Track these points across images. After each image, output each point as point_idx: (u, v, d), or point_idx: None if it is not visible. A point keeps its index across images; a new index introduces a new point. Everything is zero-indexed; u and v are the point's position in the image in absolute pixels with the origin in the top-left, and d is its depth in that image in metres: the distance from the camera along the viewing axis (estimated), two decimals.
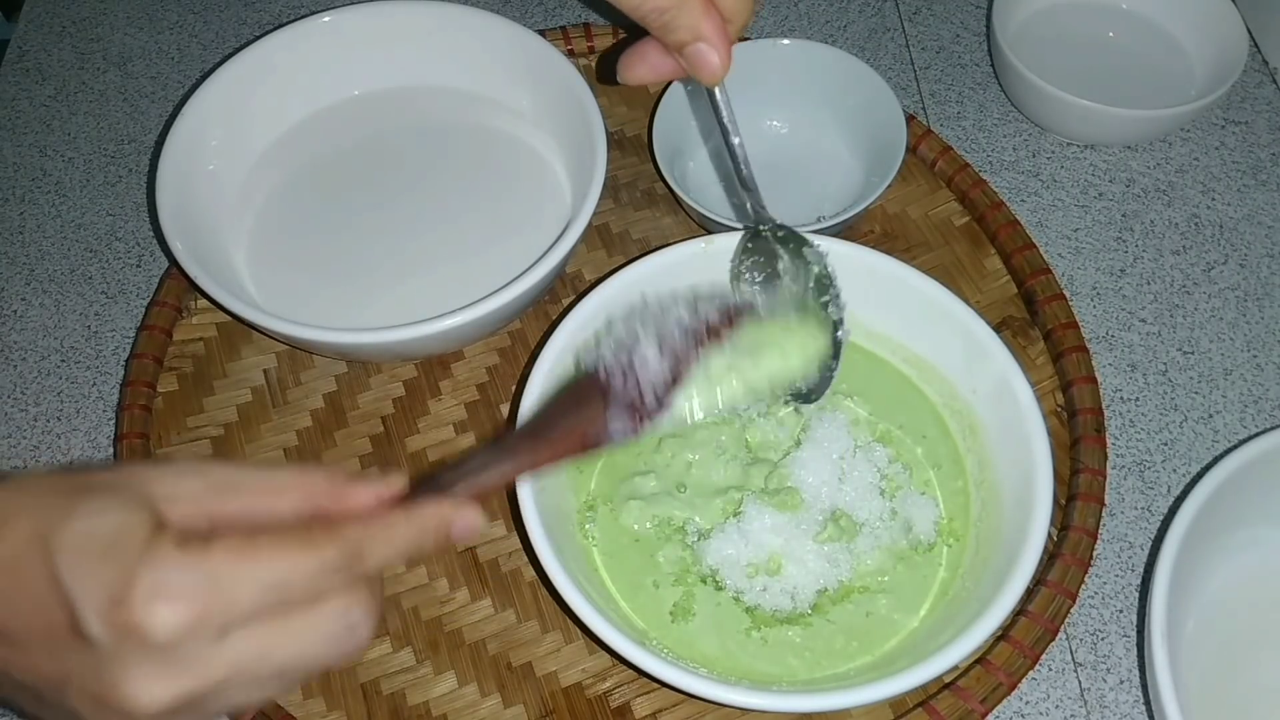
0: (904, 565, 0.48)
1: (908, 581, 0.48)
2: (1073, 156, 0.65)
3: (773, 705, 0.40)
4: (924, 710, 0.46)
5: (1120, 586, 0.52)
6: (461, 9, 0.61)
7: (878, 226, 0.61)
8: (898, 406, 0.52)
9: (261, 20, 0.73)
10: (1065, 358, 0.55)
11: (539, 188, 0.61)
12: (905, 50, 0.71)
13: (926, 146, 0.63)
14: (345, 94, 0.64)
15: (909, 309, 0.50)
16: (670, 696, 0.48)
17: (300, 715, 0.48)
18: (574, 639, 0.50)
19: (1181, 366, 0.58)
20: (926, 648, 0.43)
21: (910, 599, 0.47)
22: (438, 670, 0.49)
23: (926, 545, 0.48)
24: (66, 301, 0.62)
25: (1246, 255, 0.62)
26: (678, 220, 0.62)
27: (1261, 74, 0.69)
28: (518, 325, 0.59)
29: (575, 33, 0.68)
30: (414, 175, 0.61)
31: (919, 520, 0.48)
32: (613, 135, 0.63)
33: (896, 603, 0.47)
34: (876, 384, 0.52)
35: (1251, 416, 0.56)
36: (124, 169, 0.67)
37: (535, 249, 0.56)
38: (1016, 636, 0.48)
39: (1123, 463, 0.55)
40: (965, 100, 0.68)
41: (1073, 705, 0.49)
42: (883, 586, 0.48)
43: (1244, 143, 0.66)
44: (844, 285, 0.51)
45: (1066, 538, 0.50)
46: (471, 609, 0.51)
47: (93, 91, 0.70)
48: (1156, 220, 0.63)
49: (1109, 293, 0.60)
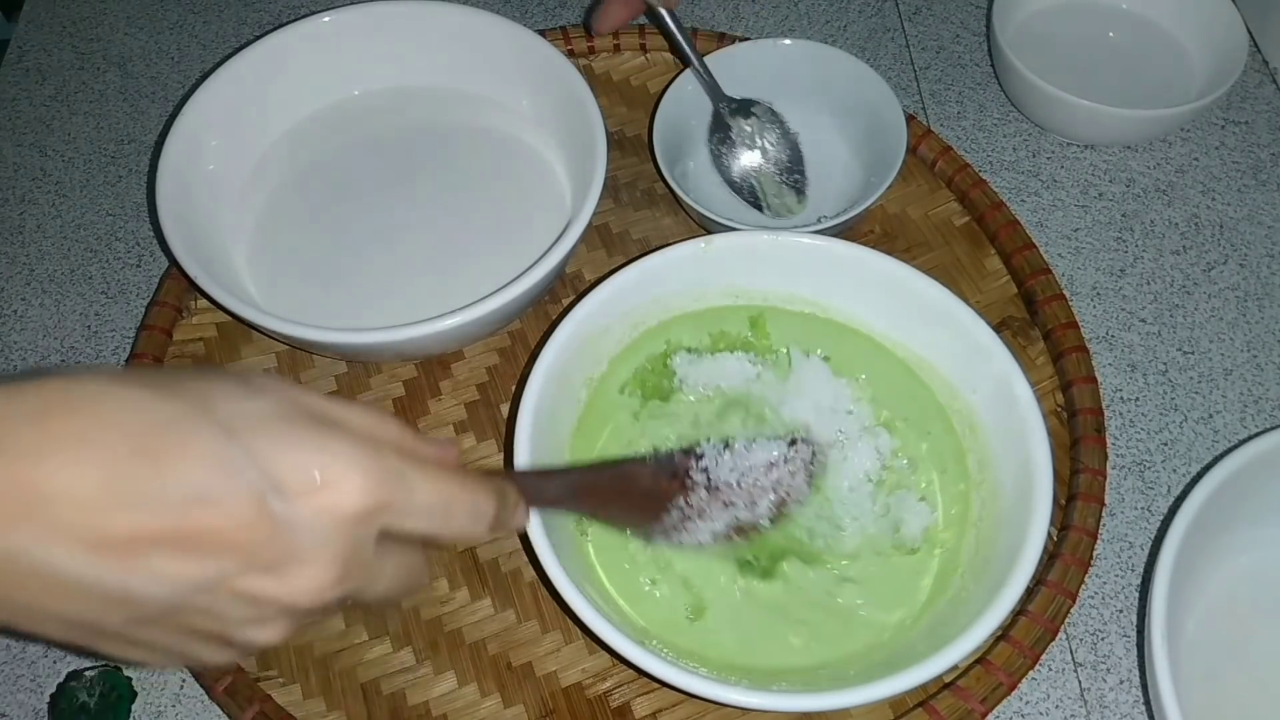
0: (881, 561, 0.48)
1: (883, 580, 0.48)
2: (1073, 156, 0.65)
3: (773, 705, 0.40)
4: (924, 710, 0.46)
5: (1120, 586, 0.52)
6: (461, 9, 0.61)
7: (878, 226, 0.61)
8: (905, 400, 0.52)
9: (261, 20, 0.73)
10: (1065, 358, 0.55)
11: (539, 188, 0.61)
12: (905, 50, 0.71)
13: (926, 146, 0.63)
14: (345, 94, 0.64)
15: (909, 309, 0.50)
16: (670, 696, 0.48)
17: (300, 715, 0.48)
18: (574, 639, 0.50)
19: (1181, 366, 0.58)
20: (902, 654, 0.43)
21: (885, 598, 0.47)
22: (438, 670, 0.49)
23: (910, 548, 0.48)
24: (66, 301, 0.62)
25: (1246, 255, 0.62)
26: (678, 220, 0.62)
27: (1261, 74, 0.69)
28: (518, 325, 0.59)
29: (575, 33, 0.68)
30: (414, 175, 0.61)
31: (909, 522, 0.48)
32: (613, 135, 0.63)
33: (867, 598, 0.47)
34: (883, 374, 0.52)
35: (1251, 416, 0.56)
36: (124, 169, 0.67)
37: (535, 249, 0.56)
38: (1016, 636, 0.48)
39: (1123, 463, 0.55)
40: (965, 100, 0.68)
41: (1073, 705, 0.49)
42: (853, 575, 0.48)
43: (1244, 143, 0.66)
44: (844, 285, 0.52)
45: (1066, 538, 0.50)
46: (471, 609, 0.51)
47: (93, 91, 0.70)
48: (1156, 220, 0.63)
49: (1109, 293, 0.60)
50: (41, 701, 0.49)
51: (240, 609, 0.29)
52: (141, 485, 0.26)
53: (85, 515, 0.26)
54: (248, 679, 0.48)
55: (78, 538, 0.26)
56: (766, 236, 0.51)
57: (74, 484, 0.25)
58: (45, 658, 0.51)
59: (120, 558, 0.26)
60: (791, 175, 0.61)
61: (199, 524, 0.26)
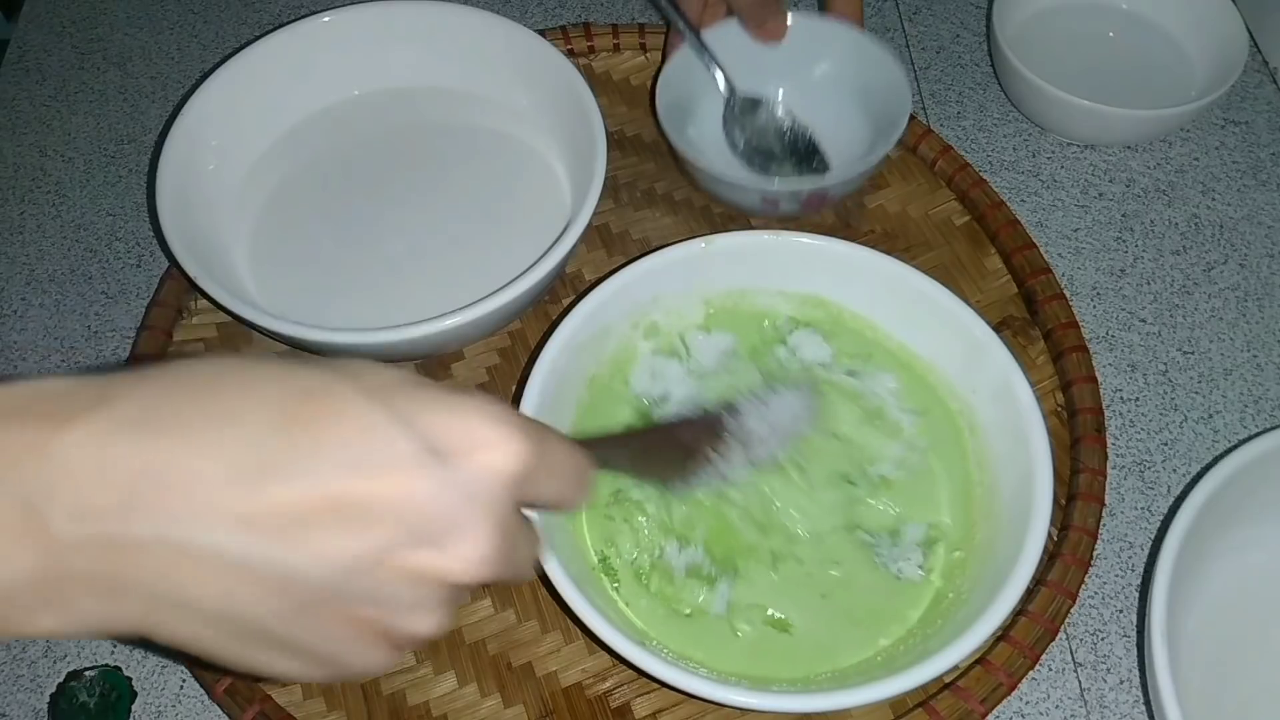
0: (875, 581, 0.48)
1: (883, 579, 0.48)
2: (1073, 156, 0.65)
3: (772, 705, 0.40)
4: (924, 710, 0.46)
5: (1120, 586, 0.52)
6: (461, 9, 0.61)
7: (878, 226, 0.61)
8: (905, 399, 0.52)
9: (261, 20, 0.73)
10: (1065, 357, 0.55)
11: (539, 188, 0.61)
12: (905, 50, 0.71)
13: (926, 146, 0.63)
14: (345, 94, 0.64)
15: (909, 309, 0.50)
16: (670, 696, 0.48)
17: (300, 715, 0.48)
18: (574, 639, 0.50)
19: (1181, 366, 0.58)
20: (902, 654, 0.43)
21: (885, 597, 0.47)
22: (438, 670, 0.49)
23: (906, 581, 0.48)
24: (66, 301, 0.62)
25: (1246, 255, 0.62)
26: (678, 220, 0.62)
27: (1261, 74, 0.69)
28: (518, 325, 0.59)
29: (575, 33, 0.68)
30: (414, 175, 0.61)
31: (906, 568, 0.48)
32: (613, 135, 0.63)
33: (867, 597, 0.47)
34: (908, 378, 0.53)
35: (1251, 416, 0.56)
36: (124, 169, 0.67)
37: (535, 249, 0.56)
38: (1016, 636, 0.48)
39: (1123, 463, 0.55)
40: (965, 100, 0.68)
41: (1073, 705, 0.49)
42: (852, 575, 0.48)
43: (1244, 143, 0.66)
44: (844, 285, 0.52)
45: (1066, 538, 0.50)
46: (471, 609, 0.51)
47: (93, 91, 0.70)
48: (1156, 220, 0.63)
49: (1109, 293, 0.60)
50: (41, 701, 0.49)
51: (403, 589, 0.26)
52: (295, 455, 0.24)
53: (238, 491, 0.24)
54: (247, 679, 0.48)
55: (231, 514, 0.24)
56: (767, 236, 0.51)
57: (224, 458, 0.24)
58: (45, 658, 0.51)
59: (277, 533, 0.24)
60: (811, 165, 0.61)
61: (359, 491, 0.25)
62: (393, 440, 0.25)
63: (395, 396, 0.26)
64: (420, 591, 0.27)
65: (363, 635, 0.27)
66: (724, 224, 0.61)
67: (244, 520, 0.24)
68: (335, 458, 0.25)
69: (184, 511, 0.24)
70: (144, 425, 0.24)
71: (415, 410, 0.26)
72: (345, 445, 0.25)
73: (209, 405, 0.25)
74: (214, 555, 0.24)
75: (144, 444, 0.24)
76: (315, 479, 0.24)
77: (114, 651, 0.51)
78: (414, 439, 0.25)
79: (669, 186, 0.63)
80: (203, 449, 0.24)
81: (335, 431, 0.25)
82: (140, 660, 0.50)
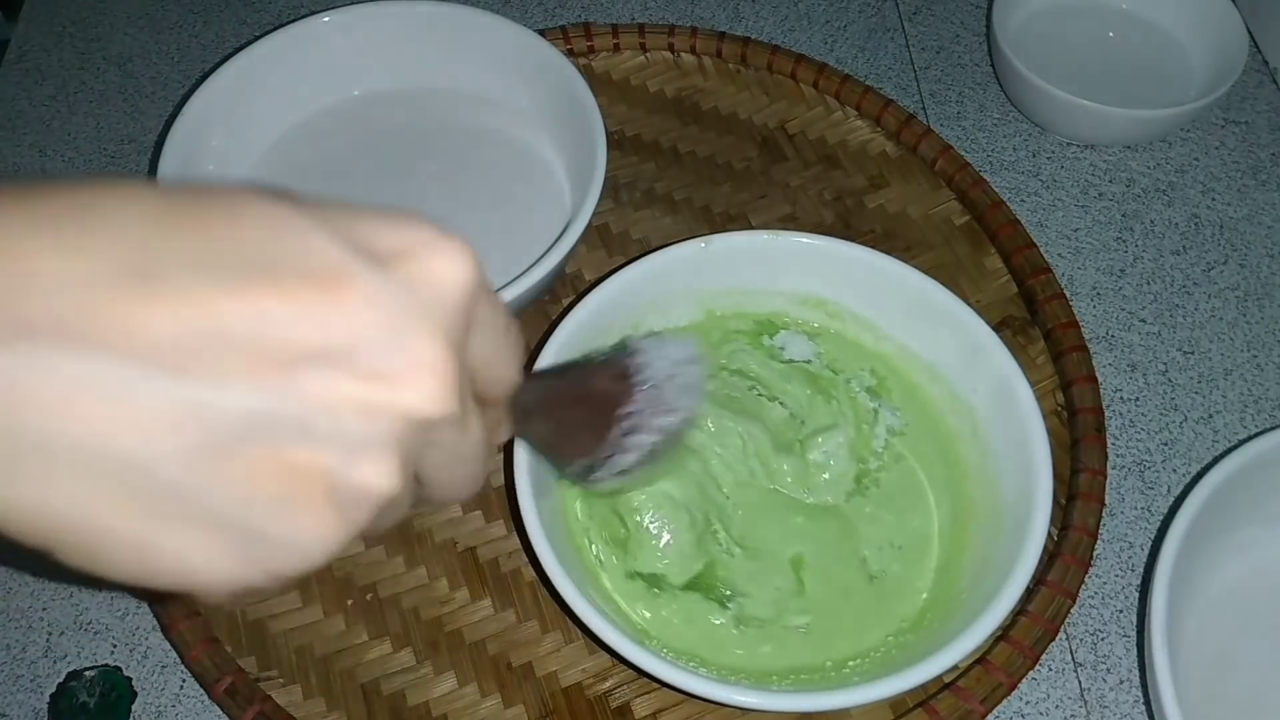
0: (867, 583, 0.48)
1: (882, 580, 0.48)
2: (1073, 156, 0.65)
3: (772, 705, 0.40)
4: (924, 710, 0.46)
5: (1120, 586, 0.52)
6: (461, 9, 0.61)
7: (878, 226, 0.61)
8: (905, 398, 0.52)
9: (261, 20, 0.73)
10: (1065, 357, 0.55)
11: (539, 188, 0.61)
12: (905, 50, 0.71)
13: (927, 146, 0.63)
14: (345, 94, 0.64)
15: (909, 309, 0.50)
16: (670, 696, 0.48)
17: (300, 716, 0.47)
18: (574, 639, 0.50)
19: (1181, 366, 0.58)
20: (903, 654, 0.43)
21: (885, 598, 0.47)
22: (438, 670, 0.49)
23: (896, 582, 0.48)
24: None
25: (1246, 255, 0.62)
26: (678, 220, 0.62)
27: (1261, 74, 0.69)
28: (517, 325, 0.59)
29: (575, 33, 0.68)
30: (414, 175, 0.61)
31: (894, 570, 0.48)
32: (613, 135, 0.63)
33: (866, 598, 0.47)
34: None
35: (1251, 416, 0.56)
36: (124, 169, 0.67)
37: (535, 249, 0.56)
38: (1016, 636, 0.48)
39: (1123, 463, 0.55)
40: (965, 100, 0.68)
41: (1073, 705, 0.49)
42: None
43: (1244, 143, 0.66)
44: (844, 285, 0.51)
45: (1066, 538, 0.50)
46: (471, 609, 0.51)
47: (93, 91, 0.70)
48: (1156, 220, 0.63)
49: (1109, 293, 0.60)
50: (41, 701, 0.49)
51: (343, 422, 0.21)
52: (187, 256, 0.19)
53: (115, 296, 0.18)
54: (247, 679, 0.48)
55: (110, 327, 0.18)
56: (766, 236, 0.51)
57: (98, 256, 0.18)
58: (45, 658, 0.51)
59: (171, 350, 0.19)
60: None
61: (277, 294, 0.19)
62: (311, 239, 0.20)
63: (313, 206, 0.22)
64: (365, 427, 0.21)
65: (297, 490, 0.21)
66: (724, 224, 0.61)
67: (126, 334, 0.18)
68: (242, 256, 0.20)
69: (46, 323, 0.18)
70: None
71: (339, 217, 0.21)
72: (253, 244, 0.20)
73: (75, 203, 0.19)
74: (89, 379, 0.18)
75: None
76: (218, 283, 0.19)
77: (114, 651, 0.51)
78: (338, 240, 0.21)
79: (669, 186, 0.63)
80: (64, 250, 0.18)
81: (237, 230, 0.20)
82: (140, 660, 0.50)
